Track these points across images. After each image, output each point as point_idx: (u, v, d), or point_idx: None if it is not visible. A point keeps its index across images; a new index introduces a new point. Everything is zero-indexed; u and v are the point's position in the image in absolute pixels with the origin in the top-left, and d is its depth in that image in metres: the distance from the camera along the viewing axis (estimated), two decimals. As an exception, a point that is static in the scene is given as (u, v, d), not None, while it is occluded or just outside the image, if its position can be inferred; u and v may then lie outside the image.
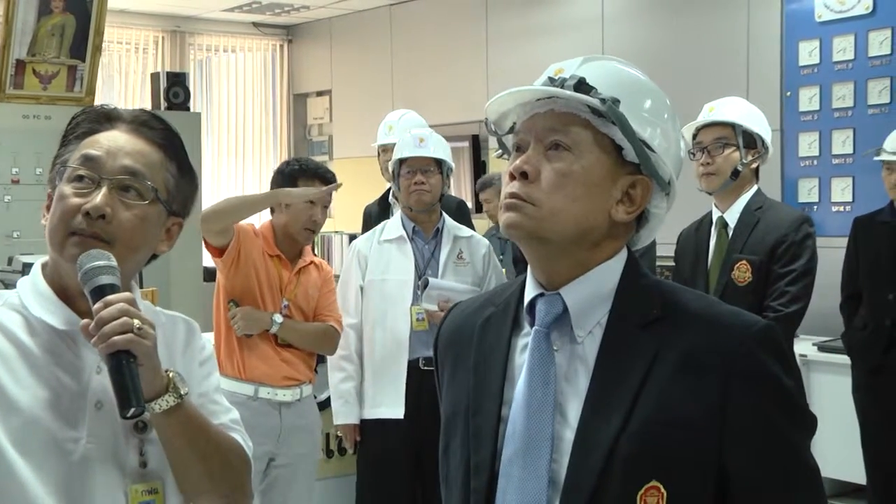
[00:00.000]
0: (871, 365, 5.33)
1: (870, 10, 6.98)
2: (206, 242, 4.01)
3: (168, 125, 1.88)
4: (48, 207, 1.79)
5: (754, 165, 3.90)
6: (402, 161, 4.38)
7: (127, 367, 1.63)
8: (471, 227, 4.77)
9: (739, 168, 3.85)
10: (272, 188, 4.17)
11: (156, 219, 1.80)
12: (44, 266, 1.81)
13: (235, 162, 11.12)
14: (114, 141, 1.79)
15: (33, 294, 1.78)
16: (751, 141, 3.87)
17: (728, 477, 1.58)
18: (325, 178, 4.17)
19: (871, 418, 5.39)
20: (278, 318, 3.99)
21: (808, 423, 1.66)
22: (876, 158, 5.39)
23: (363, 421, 4.32)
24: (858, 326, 5.43)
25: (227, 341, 4.02)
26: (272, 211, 4.14)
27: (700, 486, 1.57)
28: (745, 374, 1.58)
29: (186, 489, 1.79)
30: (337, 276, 4.60)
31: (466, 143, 9.08)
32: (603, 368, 1.61)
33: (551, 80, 1.66)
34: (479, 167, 9.27)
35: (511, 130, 1.73)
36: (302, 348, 4.12)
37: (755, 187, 3.95)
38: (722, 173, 3.87)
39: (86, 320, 1.67)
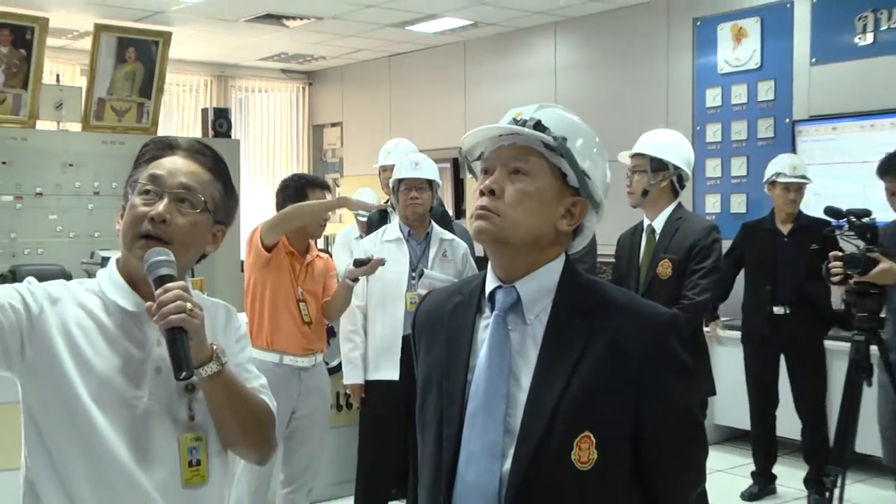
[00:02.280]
0: (756, 339, 5.43)
1: (759, 65, 7.08)
2: (261, 242, 3.91)
3: (216, 153, 1.87)
4: (122, 215, 1.79)
5: (663, 184, 3.82)
6: (400, 180, 4.36)
7: (180, 340, 1.63)
8: (451, 231, 4.76)
9: (647, 188, 3.80)
10: (283, 199, 4.08)
11: (205, 225, 1.80)
12: (117, 260, 1.81)
13: (267, 179, 11.08)
14: (174, 164, 1.79)
15: (109, 282, 1.78)
16: (661, 166, 3.81)
17: (640, 427, 1.62)
18: (325, 185, 4.19)
19: (755, 378, 5.48)
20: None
21: (699, 389, 1.71)
22: (782, 181, 5.32)
23: (367, 381, 4.31)
24: (746, 310, 5.49)
25: (258, 320, 3.99)
26: None
27: (620, 434, 1.61)
28: (656, 352, 1.62)
29: (225, 439, 1.79)
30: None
31: (448, 165, 9.06)
32: (549, 345, 1.63)
33: (515, 121, 1.67)
34: (458, 184, 9.31)
35: (479, 158, 1.74)
36: (335, 314, 4.17)
37: (677, 202, 3.90)
38: (636, 192, 3.84)
39: (149, 303, 1.67)
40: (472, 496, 1.60)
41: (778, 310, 5.24)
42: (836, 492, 3.84)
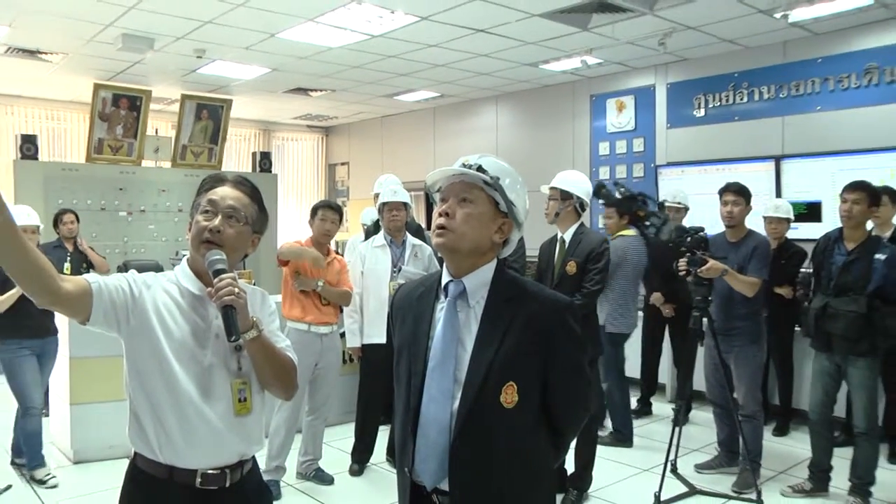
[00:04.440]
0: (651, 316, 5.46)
1: (634, 127, 7.15)
2: (278, 258, 3.94)
3: (253, 184, 1.84)
4: (189, 228, 1.78)
5: (569, 208, 3.76)
6: (384, 203, 4.33)
7: (231, 314, 1.62)
8: (424, 239, 4.74)
9: (559, 211, 3.75)
10: (312, 216, 4.01)
11: (246, 234, 1.78)
12: (187, 259, 1.80)
13: (297, 202, 10.99)
14: (224, 192, 1.77)
15: (182, 274, 1.77)
16: (568, 195, 3.76)
17: (547, 377, 1.62)
18: (332, 206, 4.03)
19: (649, 339, 5.54)
20: (321, 282, 3.93)
21: (587, 351, 1.69)
22: (668, 205, 5.32)
23: (363, 345, 4.28)
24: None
25: (292, 302, 3.96)
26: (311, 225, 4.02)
27: (535, 384, 1.61)
28: (558, 327, 1.62)
29: (262, 383, 1.78)
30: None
31: (422, 193, 9.06)
32: (485, 321, 1.62)
33: (464, 165, 1.67)
34: (429, 207, 9.26)
35: (438, 190, 1.73)
36: (334, 302, 4.06)
37: (580, 221, 3.83)
38: (551, 213, 3.79)
39: (210, 288, 1.66)
40: (432, 426, 1.61)
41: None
42: (681, 415, 3.91)
